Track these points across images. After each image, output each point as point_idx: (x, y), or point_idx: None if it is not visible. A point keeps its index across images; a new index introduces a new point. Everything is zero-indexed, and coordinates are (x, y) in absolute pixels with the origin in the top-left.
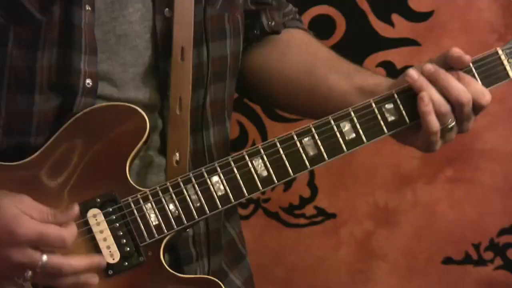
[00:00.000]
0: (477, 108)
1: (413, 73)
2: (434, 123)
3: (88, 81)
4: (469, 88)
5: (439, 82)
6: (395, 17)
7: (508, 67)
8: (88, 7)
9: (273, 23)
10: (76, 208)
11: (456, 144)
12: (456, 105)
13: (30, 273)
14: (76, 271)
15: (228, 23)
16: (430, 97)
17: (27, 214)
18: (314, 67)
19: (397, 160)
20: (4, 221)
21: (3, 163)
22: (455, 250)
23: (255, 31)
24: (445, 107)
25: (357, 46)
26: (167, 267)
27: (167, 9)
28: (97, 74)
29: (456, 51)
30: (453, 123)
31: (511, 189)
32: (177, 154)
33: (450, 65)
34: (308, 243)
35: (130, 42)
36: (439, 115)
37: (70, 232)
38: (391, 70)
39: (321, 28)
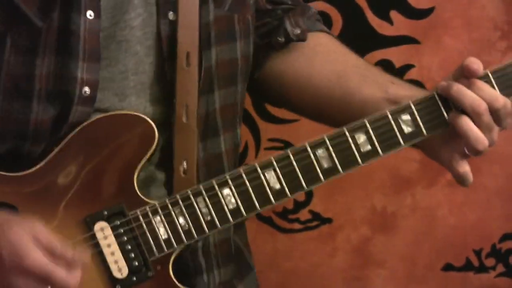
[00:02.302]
0: (495, 116)
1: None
2: (473, 130)
3: (85, 89)
4: (484, 96)
5: (450, 95)
6: (393, 14)
7: None
8: (90, 14)
9: (298, 31)
10: (87, 252)
11: None
12: (473, 115)
13: None
14: None
15: (238, 25)
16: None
17: (38, 245)
18: (346, 77)
19: (396, 163)
20: (15, 248)
21: (7, 173)
22: (456, 256)
23: (279, 38)
24: (482, 104)
25: (354, 44)
26: (176, 282)
27: (171, 12)
28: (97, 82)
29: (467, 60)
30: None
31: None
32: (185, 164)
33: (465, 76)
34: (302, 249)
35: (131, 48)
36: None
37: (76, 280)
38: (390, 69)
39: None
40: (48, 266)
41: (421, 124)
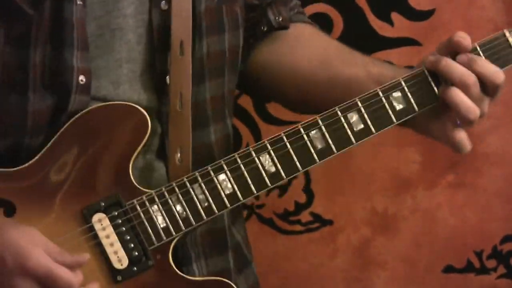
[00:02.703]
0: (489, 89)
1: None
2: (466, 103)
3: (81, 77)
4: (477, 68)
5: (439, 69)
6: (394, 16)
7: None
8: (79, 1)
9: (280, 19)
10: (85, 256)
11: None
12: (463, 88)
13: None
14: None
15: (226, 17)
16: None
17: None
18: (329, 60)
19: (396, 164)
20: (17, 250)
21: (3, 169)
22: (457, 258)
23: (262, 27)
24: (471, 77)
25: (355, 45)
26: (176, 270)
27: (163, 1)
28: (90, 70)
29: (457, 35)
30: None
31: None
32: (179, 152)
33: (455, 50)
34: (303, 250)
35: (124, 36)
36: (467, 88)
37: (79, 279)
38: None
39: None
40: (52, 266)
41: (412, 100)
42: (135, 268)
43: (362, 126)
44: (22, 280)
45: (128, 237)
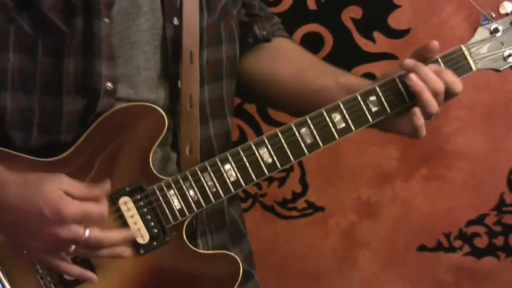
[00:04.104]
0: (449, 95)
1: (409, 61)
2: (432, 101)
3: (108, 84)
4: (444, 78)
5: (419, 74)
6: (376, 34)
7: (471, 62)
8: (106, 19)
9: (264, 32)
10: (108, 183)
11: (430, 146)
12: (432, 92)
13: (73, 247)
14: (113, 243)
15: (223, 31)
16: (424, 77)
17: (69, 194)
18: (303, 70)
19: (379, 160)
20: (51, 203)
21: (43, 159)
22: (429, 238)
23: (249, 40)
24: (440, 84)
25: (343, 59)
26: (189, 244)
27: (175, 18)
28: (115, 77)
29: (433, 42)
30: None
31: (478, 185)
32: (189, 145)
33: (424, 57)
34: (299, 233)
35: (141, 47)
36: (436, 93)
37: (106, 207)
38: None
39: (311, 44)
40: (84, 207)
41: (385, 103)
42: (155, 243)
43: (344, 124)
44: (62, 227)
45: (149, 217)
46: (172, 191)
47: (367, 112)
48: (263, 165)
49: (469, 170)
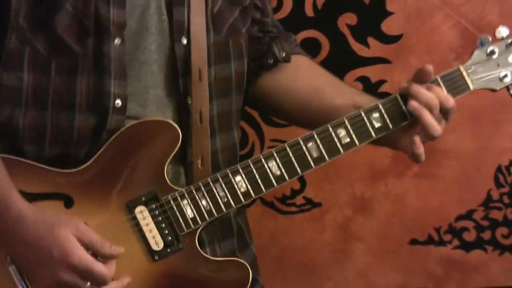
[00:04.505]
0: (443, 111)
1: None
2: (433, 123)
3: (117, 101)
4: (436, 95)
5: (411, 93)
6: (370, 40)
7: (468, 82)
8: (117, 40)
9: (284, 54)
10: (121, 249)
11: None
12: (428, 109)
13: None
14: None
15: (232, 48)
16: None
17: (82, 243)
18: (321, 90)
19: (373, 159)
20: (62, 247)
21: (61, 170)
22: (420, 232)
23: (269, 60)
24: (435, 100)
25: (339, 63)
26: (201, 251)
27: (183, 37)
28: (125, 95)
29: (427, 66)
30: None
31: (466, 183)
32: (200, 158)
33: (421, 79)
34: (298, 227)
35: (149, 67)
36: (431, 108)
37: (111, 272)
38: (367, 83)
39: (309, 49)
40: (90, 262)
41: (387, 119)
42: (168, 250)
43: (348, 139)
44: (65, 272)
45: (163, 225)
46: (185, 201)
47: (370, 128)
48: (272, 177)
49: (459, 168)
